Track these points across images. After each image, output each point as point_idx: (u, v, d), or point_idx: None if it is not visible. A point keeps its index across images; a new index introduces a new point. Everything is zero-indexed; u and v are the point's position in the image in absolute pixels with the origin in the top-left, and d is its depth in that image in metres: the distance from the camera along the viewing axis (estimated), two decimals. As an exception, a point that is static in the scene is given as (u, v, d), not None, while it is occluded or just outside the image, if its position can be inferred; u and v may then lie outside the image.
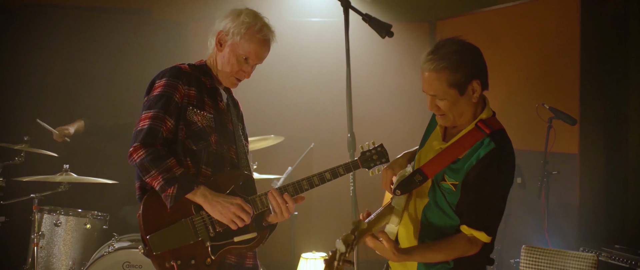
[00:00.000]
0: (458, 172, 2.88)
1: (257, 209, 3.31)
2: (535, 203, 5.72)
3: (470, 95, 2.87)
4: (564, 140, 5.64)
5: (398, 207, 3.04)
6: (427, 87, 2.89)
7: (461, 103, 2.88)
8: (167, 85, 3.24)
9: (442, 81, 2.83)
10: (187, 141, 3.25)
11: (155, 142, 3.15)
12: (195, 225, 3.20)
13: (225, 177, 3.31)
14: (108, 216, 5.34)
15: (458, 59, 2.82)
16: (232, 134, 3.43)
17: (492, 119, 2.97)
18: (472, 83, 2.85)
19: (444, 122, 2.98)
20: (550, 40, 5.89)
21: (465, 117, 2.93)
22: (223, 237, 3.24)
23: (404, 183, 2.97)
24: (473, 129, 2.91)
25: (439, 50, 2.85)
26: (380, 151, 3.51)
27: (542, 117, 5.56)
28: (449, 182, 2.90)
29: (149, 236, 3.14)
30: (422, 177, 2.93)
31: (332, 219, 6.84)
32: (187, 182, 3.13)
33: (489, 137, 2.86)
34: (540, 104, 5.55)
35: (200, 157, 3.27)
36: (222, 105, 3.41)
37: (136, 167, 3.18)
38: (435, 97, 2.89)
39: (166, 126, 3.19)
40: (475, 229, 2.85)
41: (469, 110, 2.92)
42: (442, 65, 2.81)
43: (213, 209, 3.18)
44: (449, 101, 2.86)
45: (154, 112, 3.19)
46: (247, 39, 3.33)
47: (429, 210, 2.97)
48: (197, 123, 3.26)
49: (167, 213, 3.16)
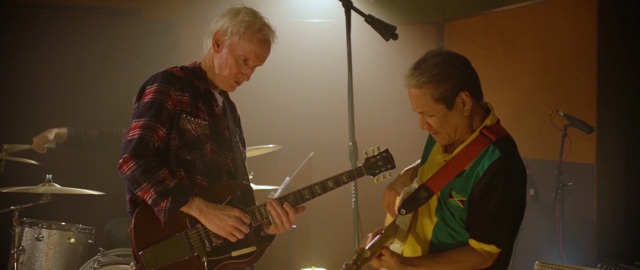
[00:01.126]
0: (465, 187, 2.89)
1: (255, 221, 3.30)
2: (550, 216, 5.71)
3: (460, 108, 2.88)
4: (580, 149, 5.63)
5: (403, 226, 3.04)
6: (414, 104, 2.92)
7: (452, 118, 2.89)
8: (159, 91, 3.23)
9: (427, 97, 2.86)
10: (181, 151, 3.25)
11: (146, 153, 3.15)
12: (191, 240, 3.19)
13: (222, 187, 3.30)
14: (94, 230, 5.32)
15: (441, 71, 2.83)
16: (228, 141, 3.43)
17: (497, 125, 2.98)
18: (460, 95, 2.86)
19: (440, 141, 3.00)
20: (565, 43, 5.89)
21: (461, 131, 2.94)
22: (220, 251, 3.23)
23: (409, 201, 2.98)
24: (477, 137, 2.92)
25: (421, 64, 2.88)
26: (386, 157, 3.49)
27: (556, 124, 5.55)
28: (456, 199, 2.91)
29: (142, 252, 3.13)
30: (428, 193, 2.94)
31: (332, 232, 6.83)
32: (181, 195, 3.13)
33: (494, 145, 2.87)
34: (555, 111, 5.54)
35: (195, 167, 3.26)
36: (218, 110, 3.40)
37: (126, 180, 3.16)
38: (424, 115, 2.91)
39: (158, 136, 3.18)
40: (484, 243, 2.86)
41: (462, 124, 2.92)
42: (424, 80, 2.84)
43: (210, 222, 3.17)
44: (438, 117, 2.88)
45: (144, 121, 3.18)
46: (247, 38, 3.33)
47: (440, 231, 2.98)
48: (191, 131, 3.26)
49: (160, 227, 3.15)
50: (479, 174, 2.84)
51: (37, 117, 6.03)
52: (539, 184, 5.89)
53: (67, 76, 6.22)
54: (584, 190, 5.69)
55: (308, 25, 6.91)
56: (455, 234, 2.94)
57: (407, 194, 3.04)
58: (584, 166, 5.70)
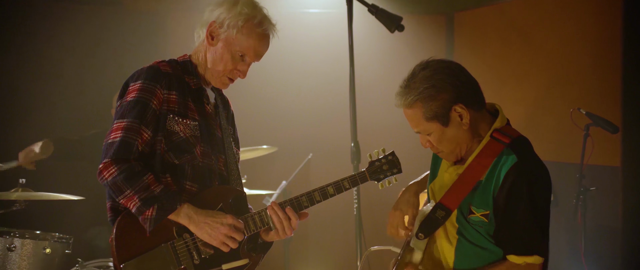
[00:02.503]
0: (485, 200, 2.87)
1: (249, 230, 3.28)
2: (570, 224, 5.68)
3: (457, 122, 2.87)
4: (603, 150, 5.61)
5: (418, 249, 3.03)
6: (410, 124, 2.94)
7: (450, 134, 2.89)
8: (143, 89, 3.20)
9: (419, 116, 2.87)
10: (168, 155, 3.23)
11: (128, 157, 3.12)
12: (177, 251, 3.17)
13: (213, 193, 3.28)
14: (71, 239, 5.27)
15: (429, 87, 2.83)
16: (220, 141, 3.41)
17: (508, 127, 2.97)
18: (454, 109, 2.85)
19: (446, 158, 2.99)
20: (586, 34, 5.88)
21: (466, 144, 2.93)
22: (209, 264, 3.21)
23: (426, 224, 2.96)
24: (489, 142, 2.90)
25: (408, 80, 2.90)
26: (392, 160, 3.46)
27: (577, 124, 5.53)
28: (478, 214, 2.90)
29: (123, 265, 3.10)
30: (445, 212, 2.92)
31: (332, 239, 6.81)
32: (168, 201, 3.10)
33: (508, 148, 2.85)
34: (576, 109, 5.52)
35: (184, 172, 3.25)
36: (210, 108, 3.38)
37: (107, 187, 3.14)
38: (422, 134, 2.93)
39: (142, 138, 3.16)
40: (526, 256, 2.85)
41: (465, 138, 2.91)
42: (412, 98, 2.85)
43: (200, 230, 3.15)
44: (436, 135, 2.89)
45: (127, 122, 3.16)
46: (246, 33, 3.30)
47: (464, 253, 2.96)
48: (180, 133, 3.24)
49: (144, 237, 3.13)
50: (498, 183, 2.83)
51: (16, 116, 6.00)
52: (559, 189, 5.87)
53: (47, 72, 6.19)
54: (608, 196, 5.68)
55: (306, 15, 6.89)
56: (483, 252, 2.92)
57: (424, 216, 3.01)
58: (608, 169, 5.69)
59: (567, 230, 5.80)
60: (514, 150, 2.84)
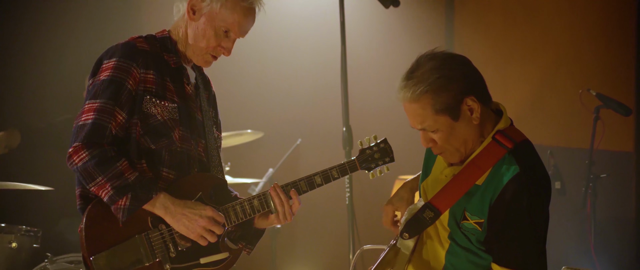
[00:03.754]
0: (481, 207, 2.87)
1: (229, 222, 3.27)
2: (579, 214, 5.70)
3: (467, 116, 2.85)
4: (615, 135, 5.64)
5: (405, 250, 3.03)
6: (412, 120, 2.89)
7: (459, 129, 2.87)
8: (118, 68, 3.18)
9: (427, 109, 2.83)
10: (144, 139, 3.21)
11: (101, 141, 3.11)
12: (152, 243, 3.16)
13: (192, 181, 3.28)
14: (40, 232, 5.26)
15: (440, 77, 2.80)
16: (201, 125, 3.40)
17: (512, 128, 2.95)
18: (466, 101, 2.83)
19: (448, 159, 2.97)
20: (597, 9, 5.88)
21: (472, 143, 2.91)
22: (186, 257, 3.21)
23: (412, 223, 2.96)
24: (490, 144, 2.89)
25: (414, 72, 2.85)
26: (384, 148, 3.46)
27: (587, 106, 5.55)
28: (472, 221, 2.89)
29: (93, 257, 3.10)
30: (434, 213, 2.92)
31: (323, 231, 6.81)
32: (143, 191, 3.10)
33: (510, 155, 2.85)
34: (585, 90, 5.53)
35: (161, 158, 3.24)
36: (190, 89, 3.37)
37: (77, 173, 3.13)
38: (426, 131, 2.89)
39: (116, 121, 3.15)
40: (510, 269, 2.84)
41: (473, 135, 2.90)
42: (421, 90, 2.81)
43: (177, 222, 3.15)
44: (444, 131, 2.86)
45: (100, 103, 3.13)
46: (230, 7, 3.28)
47: (453, 256, 2.96)
48: (157, 116, 3.22)
49: (116, 228, 3.12)
50: (497, 191, 2.82)
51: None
52: (566, 175, 5.87)
53: (12, 54, 6.14)
54: (620, 183, 5.70)
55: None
56: (476, 258, 2.93)
57: (411, 215, 3.01)
58: (620, 155, 5.71)
59: (575, 221, 5.82)
60: (517, 158, 2.83)
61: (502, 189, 2.81)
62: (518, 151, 2.85)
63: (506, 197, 2.80)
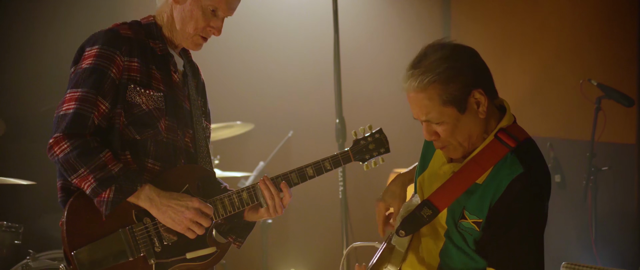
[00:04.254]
0: (480, 207, 2.87)
1: (218, 215, 3.27)
2: (579, 208, 5.71)
3: (474, 110, 2.85)
4: (617, 126, 5.65)
5: (400, 247, 3.03)
6: (416, 111, 2.88)
7: (465, 123, 2.86)
8: (101, 55, 3.17)
9: (434, 100, 2.82)
10: (128, 129, 3.21)
11: (83, 132, 3.10)
12: (136, 238, 3.16)
13: (178, 173, 3.27)
14: (21, 228, 5.25)
15: (448, 67, 2.80)
16: (188, 114, 3.39)
17: (515, 126, 2.95)
18: (473, 94, 2.83)
19: (450, 154, 2.97)
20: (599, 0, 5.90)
21: (475, 138, 2.91)
22: (172, 252, 3.21)
23: (409, 221, 2.95)
24: (492, 142, 2.89)
25: (421, 62, 2.84)
26: (379, 139, 3.46)
27: (588, 96, 5.55)
28: (470, 221, 2.90)
29: (75, 252, 3.09)
30: (432, 211, 2.91)
31: (315, 227, 6.82)
32: (127, 182, 3.09)
33: (513, 154, 2.85)
34: (586, 80, 5.53)
35: (146, 149, 3.23)
36: (177, 77, 3.35)
37: (58, 164, 3.12)
38: (431, 123, 2.88)
39: (98, 111, 3.14)
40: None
41: (478, 129, 2.90)
42: (429, 79, 2.80)
43: (163, 214, 3.15)
44: (449, 124, 2.85)
45: (82, 93, 3.12)
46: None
47: (447, 255, 2.97)
48: (141, 106, 3.21)
49: (99, 221, 3.12)
50: (498, 192, 2.82)
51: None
52: (567, 168, 5.89)
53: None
54: (622, 176, 5.71)
55: (285, -24, 6.86)
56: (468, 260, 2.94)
57: (407, 212, 3.00)
58: (622, 147, 5.72)
59: (575, 215, 5.83)
60: (520, 158, 2.83)
61: (504, 190, 2.81)
62: (521, 150, 2.86)
63: (508, 198, 2.81)
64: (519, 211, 2.81)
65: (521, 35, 6.45)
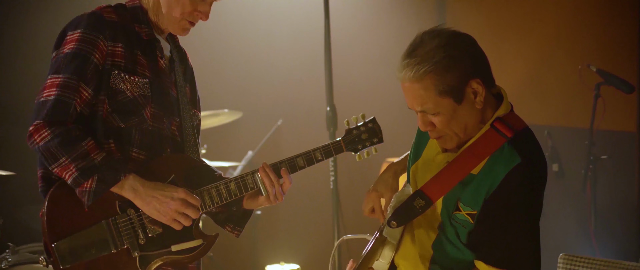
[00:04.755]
0: (475, 198, 2.87)
1: (204, 206, 3.27)
2: (578, 198, 5.73)
3: (471, 100, 2.84)
4: (617, 113, 5.66)
5: (392, 239, 3.03)
6: (411, 101, 2.87)
7: (462, 113, 2.86)
8: (83, 40, 3.15)
9: (430, 90, 2.81)
10: (112, 117, 3.19)
11: (65, 120, 3.08)
12: (120, 229, 3.15)
13: (164, 163, 3.26)
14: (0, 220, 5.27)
15: (446, 56, 2.79)
16: (175, 101, 3.38)
17: (511, 115, 2.95)
18: (471, 84, 2.82)
19: (445, 145, 2.97)
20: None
21: (471, 128, 2.91)
22: (157, 244, 3.21)
23: (401, 211, 2.96)
24: (488, 131, 2.89)
25: (417, 50, 2.82)
26: (372, 128, 3.46)
27: (587, 83, 5.57)
28: (464, 212, 2.90)
29: (55, 244, 3.09)
30: (425, 202, 2.92)
31: (305, 218, 6.83)
32: (110, 172, 3.08)
33: (509, 144, 2.84)
34: (585, 66, 5.55)
35: (130, 137, 3.22)
36: (163, 63, 3.34)
37: (38, 152, 3.11)
38: (426, 113, 2.87)
39: (81, 98, 3.12)
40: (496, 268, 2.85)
41: (474, 120, 2.90)
42: (425, 70, 2.78)
43: (147, 205, 3.13)
44: (445, 114, 2.85)
45: (63, 78, 3.11)
46: None
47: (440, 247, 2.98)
48: (126, 92, 3.20)
49: (81, 212, 3.11)
50: (494, 183, 2.82)
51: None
52: (565, 157, 5.92)
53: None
54: (622, 165, 5.72)
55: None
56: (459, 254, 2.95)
57: (399, 202, 3.01)
58: (622, 135, 5.73)
59: (574, 205, 5.84)
60: (518, 149, 2.83)
61: (500, 181, 2.80)
62: (518, 141, 2.85)
63: (505, 190, 2.80)
64: (516, 204, 2.80)
65: (518, 19, 6.46)
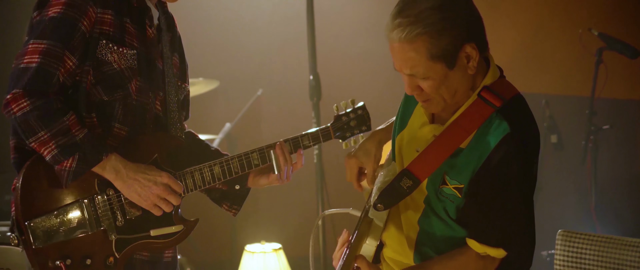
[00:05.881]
0: (462, 171, 2.87)
1: (187, 189, 3.30)
2: (578, 171, 5.77)
3: (464, 65, 2.83)
4: (620, 80, 5.71)
5: (379, 221, 3.04)
6: (400, 64, 2.85)
7: (453, 79, 2.85)
8: (71, 4, 3.11)
9: (421, 54, 2.79)
10: (96, 89, 3.17)
11: (46, 90, 3.04)
12: (98, 210, 3.15)
13: (147, 141, 3.27)
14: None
15: (441, 19, 2.77)
16: (161, 74, 3.37)
17: (500, 82, 2.95)
18: (465, 49, 2.81)
19: (431, 109, 2.96)
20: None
21: (461, 94, 2.90)
22: (135, 228, 3.21)
23: (388, 193, 2.96)
24: (476, 102, 2.89)
25: (410, 9, 2.79)
26: (361, 115, 3.51)
27: (588, 48, 5.59)
28: (451, 186, 2.90)
29: (29, 222, 3.08)
30: (413, 182, 2.92)
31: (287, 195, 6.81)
32: (92, 151, 3.07)
33: (498, 114, 2.84)
34: (586, 30, 5.55)
35: (113, 112, 3.21)
36: (152, 32, 3.33)
37: (15, 123, 3.07)
38: (415, 77, 2.86)
39: (65, 67, 3.08)
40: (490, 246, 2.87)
41: (464, 86, 2.89)
42: (418, 32, 2.76)
43: (128, 188, 3.14)
44: (435, 80, 2.83)
45: (48, 45, 3.05)
46: None
47: (426, 222, 2.99)
48: (113, 64, 3.18)
49: (58, 190, 3.11)
50: (483, 156, 2.82)
51: None
52: (564, 128, 5.92)
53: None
54: (624, 136, 5.80)
55: None
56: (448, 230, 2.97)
57: (385, 183, 3.00)
58: (625, 103, 5.76)
59: (574, 179, 5.89)
60: (507, 118, 2.82)
61: (489, 153, 2.80)
62: (508, 109, 2.85)
63: (494, 162, 2.80)
64: (507, 177, 2.80)
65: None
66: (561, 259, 4.11)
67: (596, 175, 5.60)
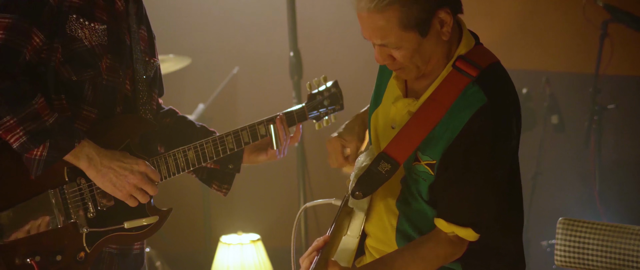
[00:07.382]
0: (435, 147, 2.90)
1: (161, 177, 3.31)
2: (581, 154, 5.83)
3: (437, 31, 2.87)
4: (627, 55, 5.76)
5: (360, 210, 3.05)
6: (369, 34, 2.89)
7: (426, 47, 2.88)
8: None
9: (392, 23, 2.82)
10: (64, 68, 3.16)
11: (12, 70, 3.02)
12: (68, 201, 3.15)
13: (118, 124, 3.27)
14: None
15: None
16: (128, 50, 3.35)
17: (477, 50, 2.98)
18: (438, 14, 2.84)
19: (404, 76, 2.99)
20: None
21: (436, 61, 2.94)
22: (107, 220, 3.22)
23: (366, 179, 2.97)
24: (451, 74, 2.92)
25: None
26: (334, 93, 3.58)
27: (592, 21, 5.64)
28: (423, 163, 2.94)
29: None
30: (391, 165, 2.94)
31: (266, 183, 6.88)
32: (64, 137, 3.05)
33: (474, 83, 2.87)
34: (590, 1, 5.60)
35: (82, 93, 3.19)
36: (121, 5, 3.32)
37: None
38: (387, 47, 2.89)
39: (32, 45, 3.06)
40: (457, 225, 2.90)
41: (439, 52, 2.92)
42: (389, 1, 2.79)
43: (103, 177, 3.13)
44: (408, 49, 2.86)
45: (13, 20, 3.03)
46: None
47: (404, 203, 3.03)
48: (83, 41, 3.16)
49: (26, 180, 3.09)
50: (457, 128, 2.85)
51: None
52: (566, 107, 5.97)
53: None
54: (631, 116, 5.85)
55: None
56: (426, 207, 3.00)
57: (362, 169, 3.01)
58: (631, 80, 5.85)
59: (576, 163, 5.95)
60: (483, 88, 2.85)
61: (463, 127, 2.83)
62: (484, 79, 2.88)
63: (468, 135, 2.83)
64: (480, 150, 2.83)
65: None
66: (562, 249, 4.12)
67: (600, 159, 5.65)
